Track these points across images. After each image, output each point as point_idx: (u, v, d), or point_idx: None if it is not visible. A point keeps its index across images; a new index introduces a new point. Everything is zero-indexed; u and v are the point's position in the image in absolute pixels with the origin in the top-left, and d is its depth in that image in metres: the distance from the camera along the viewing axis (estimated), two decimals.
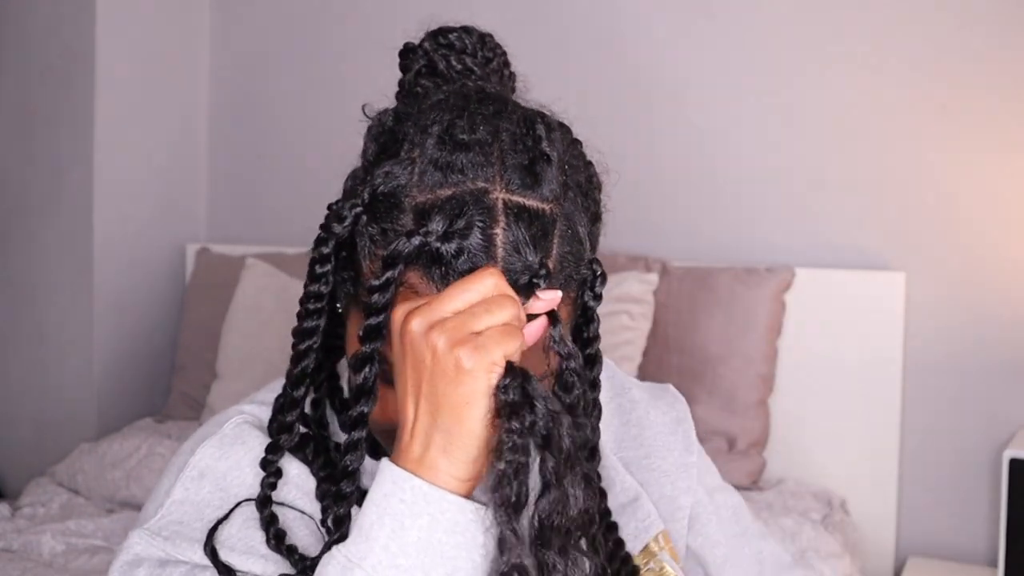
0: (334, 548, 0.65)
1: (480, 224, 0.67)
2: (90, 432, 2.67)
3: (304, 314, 0.75)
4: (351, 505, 0.71)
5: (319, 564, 0.65)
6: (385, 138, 0.74)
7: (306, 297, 0.75)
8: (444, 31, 0.81)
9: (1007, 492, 1.84)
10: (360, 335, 0.69)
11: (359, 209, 0.72)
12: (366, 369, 0.69)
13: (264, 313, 2.53)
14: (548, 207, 0.70)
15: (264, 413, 0.81)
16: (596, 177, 0.78)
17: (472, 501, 0.64)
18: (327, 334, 0.78)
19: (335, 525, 0.71)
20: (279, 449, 0.76)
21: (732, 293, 2.18)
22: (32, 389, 2.80)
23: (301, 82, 2.90)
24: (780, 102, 2.35)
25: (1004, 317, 2.13)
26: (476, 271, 0.66)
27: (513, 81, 0.84)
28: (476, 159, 0.69)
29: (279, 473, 0.76)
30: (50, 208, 2.74)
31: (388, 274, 0.67)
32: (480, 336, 0.63)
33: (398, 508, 0.63)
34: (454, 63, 0.79)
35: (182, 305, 2.86)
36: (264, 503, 0.74)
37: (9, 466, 2.84)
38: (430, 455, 0.63)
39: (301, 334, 0.76)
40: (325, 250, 0.73)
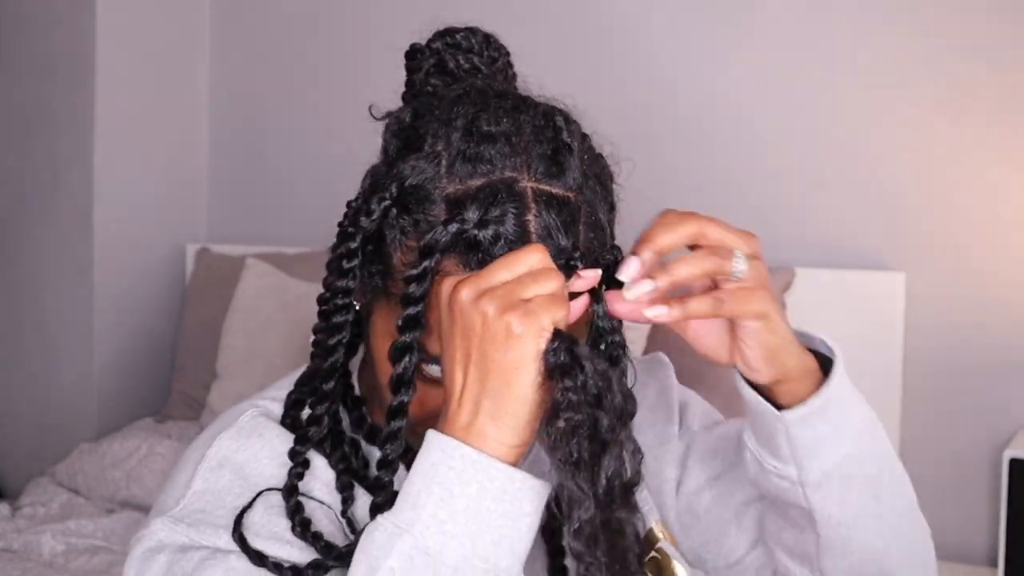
0: (379, 517, 0.65)
1: (513, 211, 0.69)
2: (90, 432, 2.67)
3: (332, 310, 0.76)
4: (388, 497, 0.71)
5: (362, 535, 0.66)
6: (406, 134, 0.75)
7: (332, 293, 0.76)
8: (451, 31, 0.83)
9: (1007, 492, 1.84)
10: (399, 325, 0.70)
11: (388, 203, 0.73)
12: (406, 359, 0.70)
13: (264, 313, 2.52)
14: (572, 195, 0.72)
15: (278, 408, 0.82)
16: (608, 168, 0.80)
17: (519, 471, 0.65)
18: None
19: (372, 514, 0.71)
20: (308, 440, 0.77)
21: None
22: (32, 389, 2.80)
23: (301, 82, 2.90)
24: (780, 102, 2.35)
25: (1004, 317, 2.13)
26: (521, 248, 0.67)
27: (514, 80, 0.86)
28: (503, 149, 0.71)
29: (307, 464, 0.77)
30: (50, 208, 2.74)
31: (426, 263, 0.69)
32: (529, 303, 0.64)
33: (447, 476, 0.64)
34: (462, 62, 0.81)
35: (182, 305, 2.86)
36: (291, 492, 0.75)
37: (9, 466, 2.84)
38: (479, 422, 0.65)
39: (329, 330, 0.77)
40: (352, 245, 0.74)
